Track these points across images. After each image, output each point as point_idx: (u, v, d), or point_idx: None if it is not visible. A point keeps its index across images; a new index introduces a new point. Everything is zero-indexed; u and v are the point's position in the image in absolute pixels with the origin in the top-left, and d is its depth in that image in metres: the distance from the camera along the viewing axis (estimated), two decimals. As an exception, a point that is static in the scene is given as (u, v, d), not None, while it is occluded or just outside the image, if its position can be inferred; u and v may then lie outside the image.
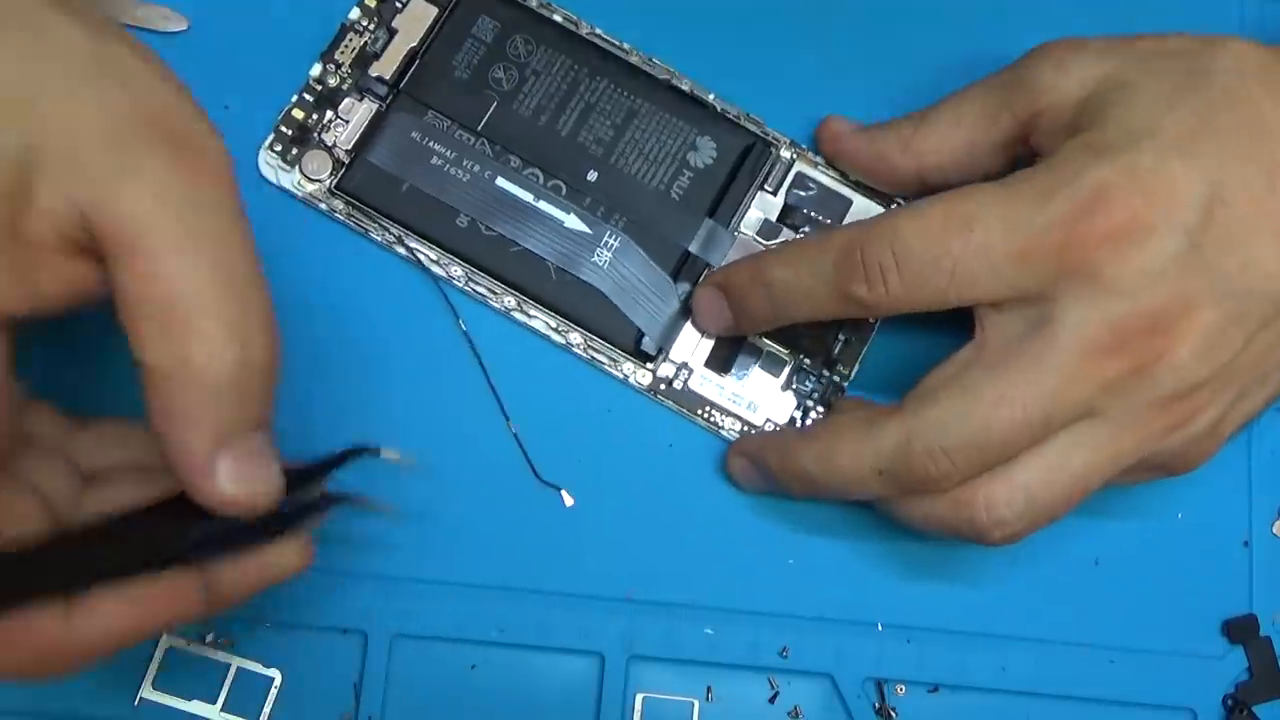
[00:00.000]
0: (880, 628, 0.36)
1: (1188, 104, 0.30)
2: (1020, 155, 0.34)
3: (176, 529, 0.25)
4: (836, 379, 0.36)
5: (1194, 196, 0.29)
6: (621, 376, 0.36)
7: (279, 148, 0.36)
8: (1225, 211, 0.29)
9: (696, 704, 0.35)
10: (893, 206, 0.37)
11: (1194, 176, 0.29)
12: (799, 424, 0.36)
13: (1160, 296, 0.29)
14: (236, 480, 0.24)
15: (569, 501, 0.36)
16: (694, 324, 0.36)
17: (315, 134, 0.36)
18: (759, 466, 0.34)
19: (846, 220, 0.37)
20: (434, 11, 0.37)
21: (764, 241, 0.37)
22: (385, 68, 0.37)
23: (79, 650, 0.24)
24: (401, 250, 0.36)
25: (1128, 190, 0.29)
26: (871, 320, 0.36)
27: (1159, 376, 0.29)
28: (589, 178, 0.36)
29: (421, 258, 0.36)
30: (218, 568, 0.26)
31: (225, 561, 0.26)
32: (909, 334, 0.36)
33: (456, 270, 0.36)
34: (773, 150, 0.37)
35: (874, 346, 0.36)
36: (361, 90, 0.36)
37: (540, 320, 0.36)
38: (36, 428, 0.27)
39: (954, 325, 0.31)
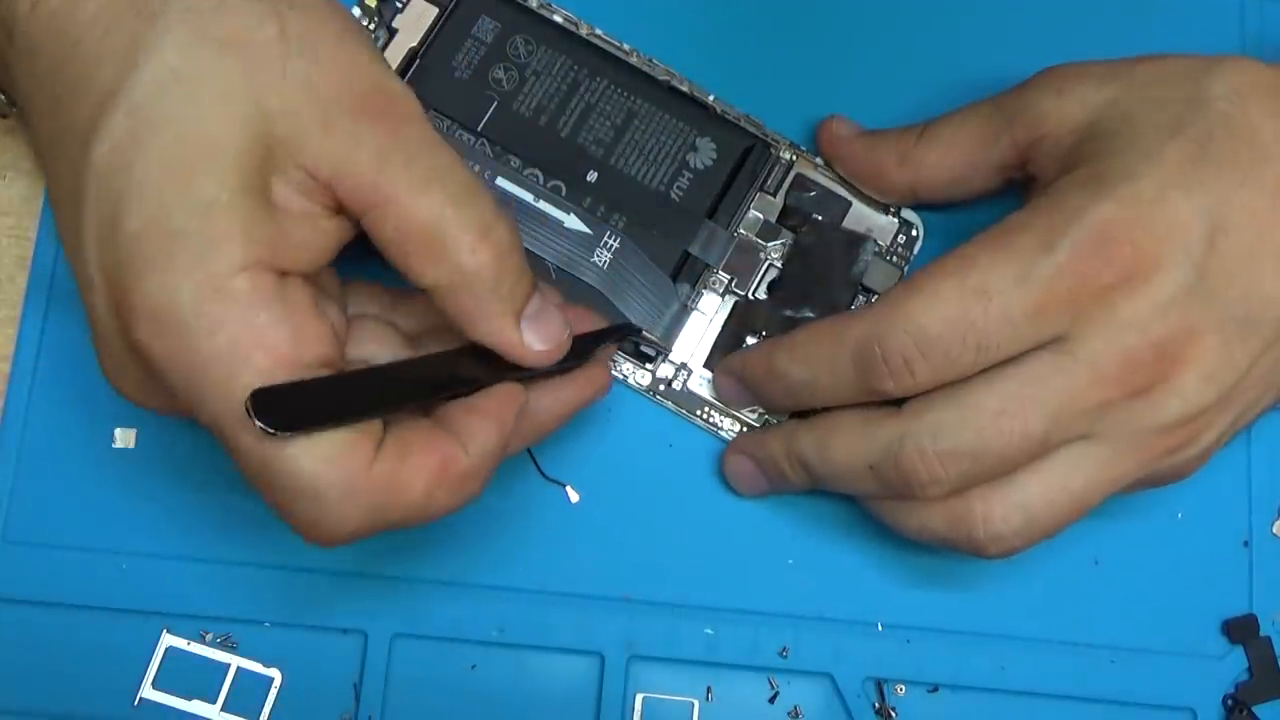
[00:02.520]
0: (880, 628, 0.36)
1: (1186, 133, 0.30)
2: (1016, 178, 0.34)
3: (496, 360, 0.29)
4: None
5: (1197, 227, 0.29)
6: (621, 377, 0.36)
7: (279, 148, 0.36)
8: (1227, 239, 0.29)
9: (696, 704, 0.35)
10: (889, 214, 0.37)
11: (1195, 207, 0.29)
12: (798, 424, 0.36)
13: (1169, 326, 0.29)
14: (541, 339, 0.29)
15: (574, 498, 0.36)
16: (716, 398, 0.36)
17: (315, 134, 0.36)
18: (757, 455, 0.34)
19: (845, 222, 0.37)
20: (434, 11, 0.37)
21: (764, 242, 0.37)
22: (385, 68, 0.37)
23: (472, 468, 0.28)
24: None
25: (1130, 227, 0.29)
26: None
27: (1164, 402, 0.29)
28: (589, 178, 0.36)
29: (422, 258, 0.36)
30: (536, 393, 0.30)
31: (541, 387, 0.30)
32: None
33: (456, 270, 0.36)
34: (772, 151, 0.37)
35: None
36: (362, 91, 0.36)
37: (540, 320, 0.36)
38: (362, 307, 0.31)
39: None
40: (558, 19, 0.37)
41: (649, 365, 0.36)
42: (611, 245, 0.36)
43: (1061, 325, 0.29)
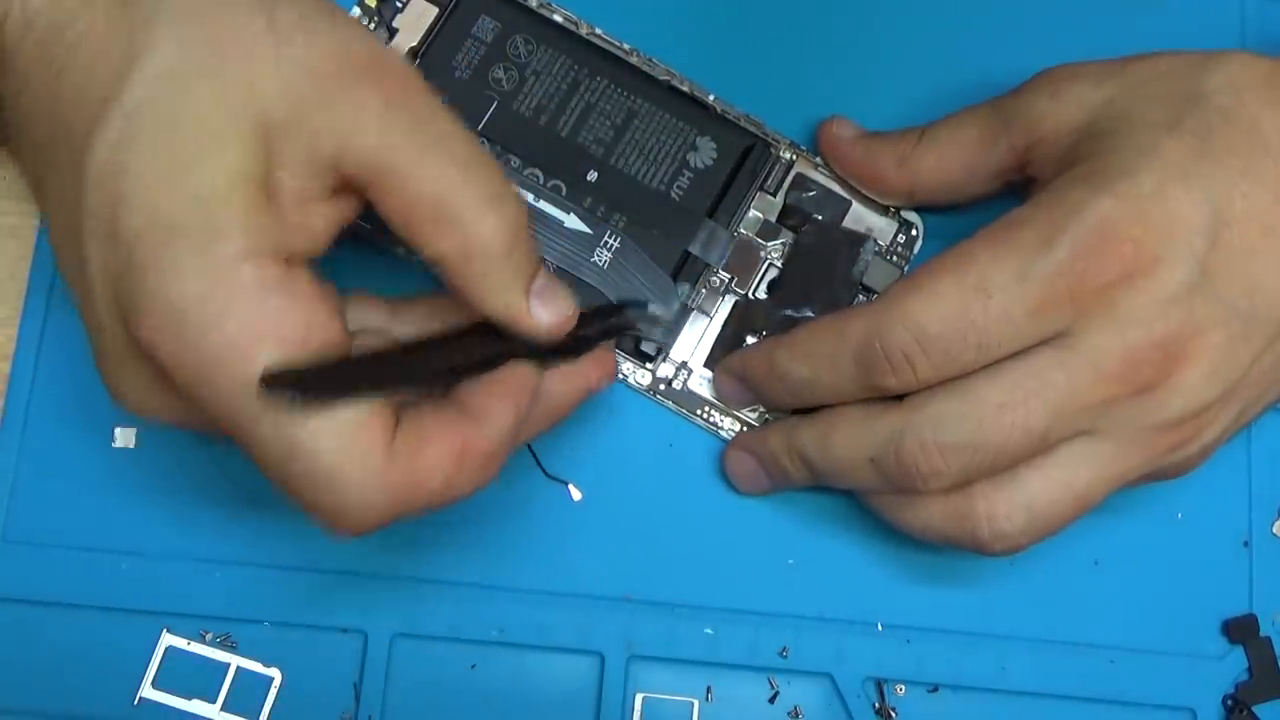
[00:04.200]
0: (880, 628, 0.36)
1: (1185, 128, 0.30)
2: (1015, 181, 0.34)
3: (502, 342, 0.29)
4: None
5: (1198, 222, 0.29)
6: (621, 376, 0.36)
7: (279, 148, 0.36)
8: (1230, 233, 0.29)
9: (696, 704, 0.35)
10: (888, 215, 0.37)
11: (1196, 201, 0.29)
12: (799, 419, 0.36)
13: (1172, 322, 0.29)
14: (549, 311, 0.28)
15: (577, 496, 0.36)
16: (717, 399, 0.36)
17: (315, 134, 0.36)
18: (758, 451, 0.34)
19: (845, 222, 0.37)
20: (434, 11, 0.37)
21: (764, 242, 0.37)
22: (385, 68, 0.37)
23: (491, 448, 0.27)
24: (402, 250, 0.36)
25: (1131, 223, 0.29)
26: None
27: (1168, 399, 0.29)
28: (589, 178, 0.36)
29: (422, 258, 0.36)
30: (546, 377, 0.30)
31: (550, 372, 0.30)
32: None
33: (456, 270, 0.36)
34: (773, 151, 0.37)
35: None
36: (362, 90, 0.36)
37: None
38: (361, 321, 0.30)
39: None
40: (558, 19, 0.37)
41: (649, 365, 0.36)
42: (611, 245, 0.36)
43: (1063, 322, 0.29)
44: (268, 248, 0.26)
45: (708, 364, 0.36)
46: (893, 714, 0.35)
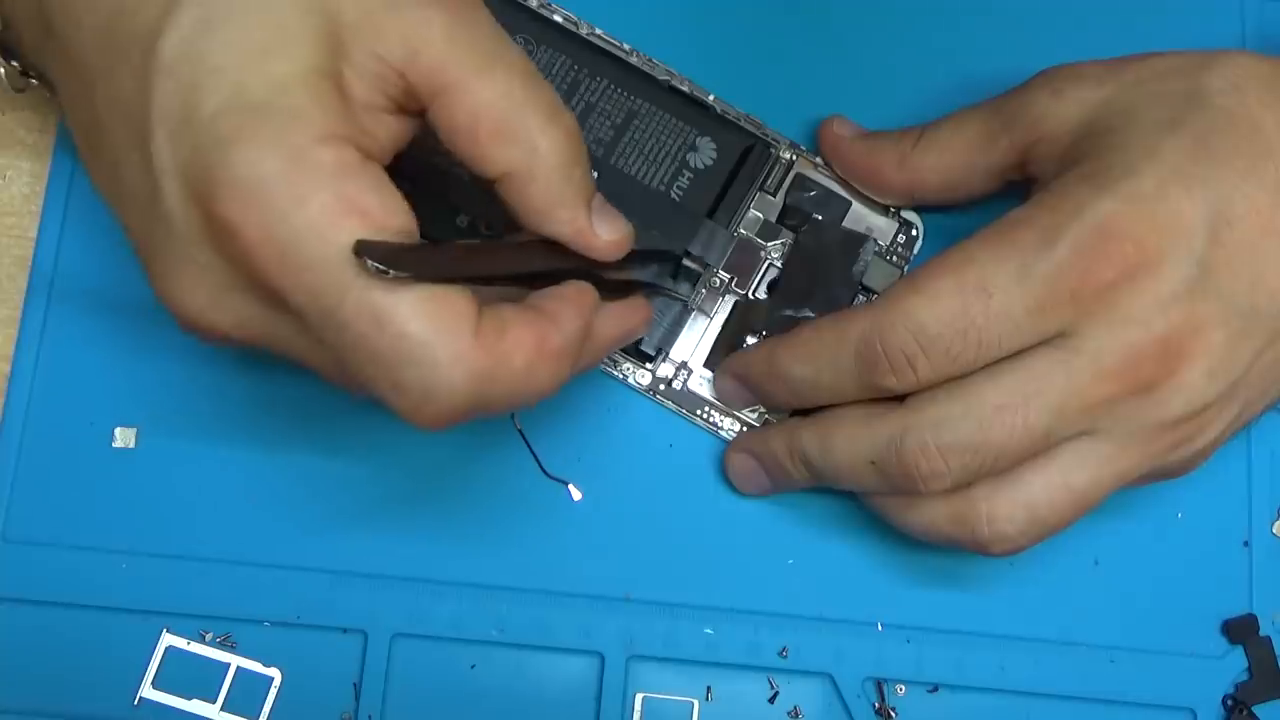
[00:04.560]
0: (880, 628, 0.36)
1: (1185, 128, 0.30)
2: (1015, 180, 0.34)
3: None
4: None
5: (1198, 222, 0.29)
6: (621, 376, 0.36)
7: (279, 148, 0.36)
8: (1230, 232, 0.29)
9: (696, 704, 0.35)
10: (889, 215, 0.37)
11: (1197, 201, 0.29)
12: (800, 421, 0.36)
13: (1172, 321, 0.29)
14: (610, 229, 0.29)
15: (577, 496, 0.36)
16: (719, 401, 0.36)
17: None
18: (759, 453, 0.34)
19: (845, 222, 0.37)
20: (434, 12, 0.37)
21: (764, 242, 0.37)
22: (385, 68, 0.37)
23: (565, 346, 0.27)
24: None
25: (1132, 222, 0.29)
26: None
27: (1168, 398, 0.29)
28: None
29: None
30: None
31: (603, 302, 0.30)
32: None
33: (457, 270, 0.36)
34: (772, 151, 0.37)
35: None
36: (362, 90, 0.36)
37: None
38: None
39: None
40: (558, 19, 0.37)
41: (649, 365, 0.36)
42: (611, 245, 0.36)
43: (1064, 321, 0.29)
44: (346, 135, 0.26)
45: (708, 364, 0.36)
46: (893, 714, 0.35)
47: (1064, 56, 0.33)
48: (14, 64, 0.33)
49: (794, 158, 0.37)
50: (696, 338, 0.36)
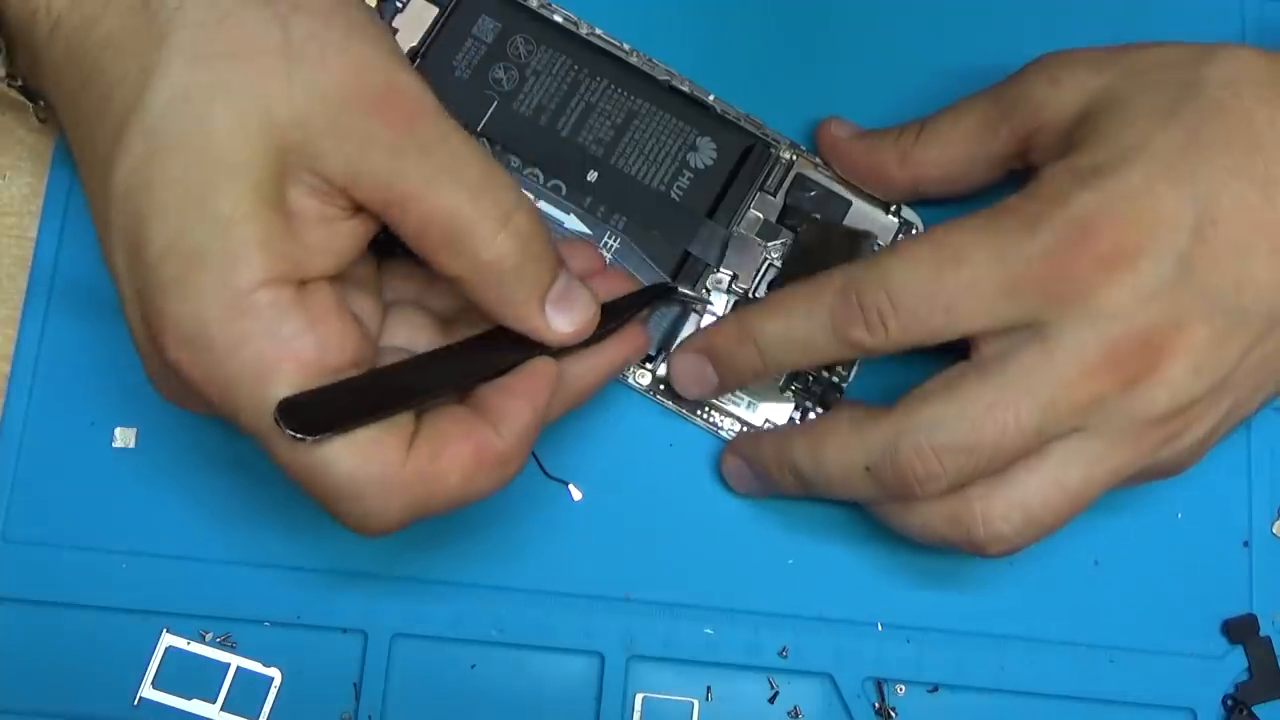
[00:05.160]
0: (880, 628, 0.36)
1: (1178, 120, 0.30)
2: (1017, 168, 0.34)
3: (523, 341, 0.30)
4: (835, 380, 0.36)
5: (1183, 218, 0.29)
6: (621, 376, 0.36)
7: (279, 148, 0.36)
8: (1216, 230, 0.29)
9: (696, 704, 0.35)
10: (889, 214, 0.37)
11: (1183, 196, 0.29)
12: (789, 431, 0.36)
13: (1153, 316, 0.29)
14: (567, 320, 0.29)
15: (577, 496, 0.36)
16: (675, 388, 0.35)
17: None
18: (751, 460, 0.34)
19: (847, 219, 0.37)
20: (434, 11, 0.37)
21: (763, 242, 0.37)
22: (385, 68, 0.37)
23: (509, 450, 0.28)
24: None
25: (1114, 216, 0.29)
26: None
27: (1154, 393, 0.29)
28: (589, 178, 0.36)
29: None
30: (571, 360, 0.30)
31: (576, 353, 0.31)
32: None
33: (456, 270, 0.36)
34: (772, 151, 0.37)
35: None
36: (362, 90, 0.36)
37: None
38: (397, 292, 0.32)
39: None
40: (558, 19, 0.37)
41: (649, 365, 0.36)
42: (611, 245, 0.36)
43: (1036, 308, 0.29)
44: (285, 272, 0.26)
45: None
46: (893, 714, 0.35)
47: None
48: (40, 103, 0.33)
49: (794, 158, 0.37)
50: (696, 338, 0.36)
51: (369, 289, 0.31)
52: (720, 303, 0.36)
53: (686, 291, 0.35)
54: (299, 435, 0.25)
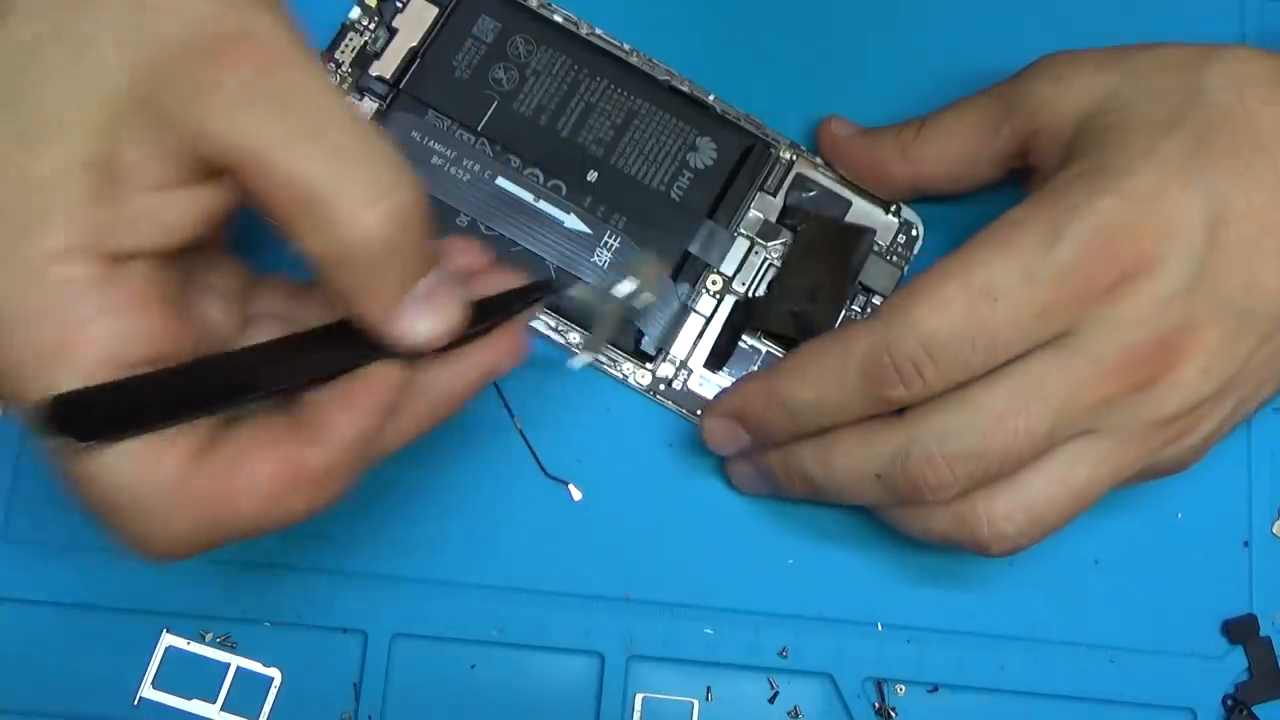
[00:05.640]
0: (880, 628, 0.36)
1: (1184, 125, 0.30)
2: (1017, 167, 0.34)
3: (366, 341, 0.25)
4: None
5: (1196, 221, 0.29)
6: (621, 376, 0.36)
7: (279, 148, 0.36)
8: (1227, 232, 0.29)
9: (696, 704, 0.35)
10: (889, 214, 0.37)
11: (1195, 200, 0.29)
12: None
13: (1170, 320, 0.29)
14: (429, 322, 0.25)
15: (577, 496, 0.36)
16: (708, 448, 0.34)
17: (315, 134, 0.36)
18: (759, 466, 0.34)
19: (847, 219, 0.37)
20: (434, 11, 0.37)
21: (764, 242, 0.37)
22: (385, 67, 0.37)
23: (329, 467, 0.25)
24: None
25: (1131, 222, 0.29)
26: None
27: (1165, 395, 0.29)
28: (589, 178, 0.36)
29: (421, 258, 0.36)
30: (431, 367, 0.26)
31: (436, 359, 0.26)
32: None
33: (456, 270, 0.36)
34: (772, 151, 0.37)
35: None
36: (362, 90, 0.36)
37: (540, 320, 0.36)
38: (264, 305, 0.28)
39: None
40: (558, 19, 0.37)
41: (649, 365, 0.36)
42: (611, 245, 0.36)
43: (1066, 322, 0.29)
44: (93, 244, 0.23)
45: (707, 364, 0.36)
46: (893, 714, 0.35)
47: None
48: None
49: (794, 158, 0.37)
50: (697, 338, 0.36)
51: (224, 292, 0.27)
52: (711, 305, 0.36)
53: (570, 293, 0.32)
54: (71, 438, 0.22)
